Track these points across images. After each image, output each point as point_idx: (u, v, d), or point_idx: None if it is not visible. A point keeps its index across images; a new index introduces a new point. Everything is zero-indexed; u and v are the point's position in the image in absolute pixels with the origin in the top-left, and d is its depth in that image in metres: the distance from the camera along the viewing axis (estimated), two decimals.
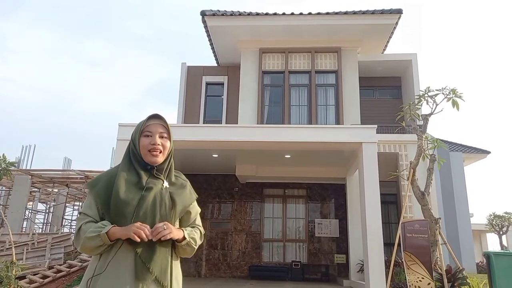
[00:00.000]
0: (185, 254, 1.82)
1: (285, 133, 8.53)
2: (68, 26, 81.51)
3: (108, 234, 1.62)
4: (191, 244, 1.79)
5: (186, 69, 13.16)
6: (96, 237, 1.62)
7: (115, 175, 1.76)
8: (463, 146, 15.73)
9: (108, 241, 1.62)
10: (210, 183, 12.16)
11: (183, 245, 1.76)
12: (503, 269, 5.50)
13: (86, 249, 1.66)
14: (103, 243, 1.62)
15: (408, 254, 6.30)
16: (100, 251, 1.66)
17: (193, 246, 1.80)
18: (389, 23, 11.29)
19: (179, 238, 1.73)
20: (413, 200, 8.37)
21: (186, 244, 1.76)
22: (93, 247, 1.64)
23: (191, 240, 1.78)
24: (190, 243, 1.78)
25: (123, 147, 8.24)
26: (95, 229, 1.64)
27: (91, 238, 1.63)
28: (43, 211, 15.95)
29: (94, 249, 1.65)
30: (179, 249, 1.77)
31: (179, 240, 1.74)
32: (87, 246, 1.65)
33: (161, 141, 1.82)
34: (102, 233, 1.62)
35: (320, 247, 11.67)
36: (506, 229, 18.73)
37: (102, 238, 1.62)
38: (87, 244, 1.64)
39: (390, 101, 12.58)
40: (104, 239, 1.62)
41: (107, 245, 1.64)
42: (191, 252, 1.82)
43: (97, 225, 1.66)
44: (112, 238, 1.62)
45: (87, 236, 1.64)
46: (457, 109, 6.83)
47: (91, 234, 1.63)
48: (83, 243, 1.65)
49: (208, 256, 11.68)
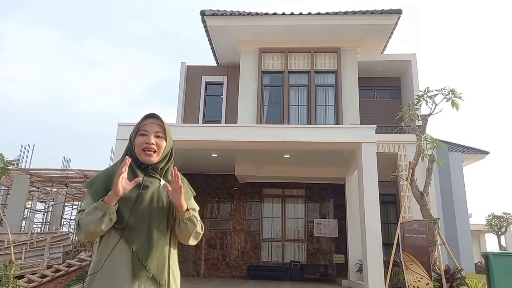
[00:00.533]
0: (186, 232, 1.76)
1: (284, 133, 8.54)
2: (68, 26, 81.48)
3: (104, 201, 1.61)
4: (193, 219, 1.75)
5: (186, 69, 13.16)
6: (95, 210, 1.62)
7: (113, 173, 1.76)
8: (462, 147, 15.74)
9: (107, 207, 1.61)
10: (209, 182, 12.15)
11: (186, 218, 1.73)
12: (502, 269, 5.51)
13: (88, 230, 1.63)
14: (103, 212, 1.61)
15: (407, 254, 6.31)
16: (104, 225, 1.62)
17: (195, 223, 1.76)
18: (389, 23, 11.30)
19: (183, 208, 1.71)
20: (412, 200, 8.38)
21: (188, 218, 1.73)
22: (95, 222, 1.61)
23: (193, 217, 1.76)
24: (192, 218, 1.75)
25: (122, 147, 8.22)
26: (92, 205, 1.65)
27: (89, 212, 1.62)
28: (42, 211, 15.93)
29: (96, 225, 1.61)
30: (181, 224, 1.74)
31: (183, 210, 1.72)
32: (88, 227, 1.62)
33: (156, 140, 1.80)
34: (99, 201, 1.62)
35: (319, 247, 11.67)
36: (504, 230, 18.79)
37: (100, 207, 1.61)
38: (89, 223, 1.62)
39: (389, 101, 12.59)
40: (102, 206, 1.61)
41: (109, 215, 1.62)
42: (192, 230, 1.76)
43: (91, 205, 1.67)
44: (109, 203, 1.61)
45: (84, 213, 1.64)
46: (457, 110, 6.84)
47: (89, 210, 1.63)
48: (85, 225, 1.63)
49: (207, 256, 11.67)
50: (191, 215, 1.75)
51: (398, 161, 9.78)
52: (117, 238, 1.66)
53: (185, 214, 1.73)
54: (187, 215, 1.73)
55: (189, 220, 1.74)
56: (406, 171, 7.45)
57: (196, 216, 1.79)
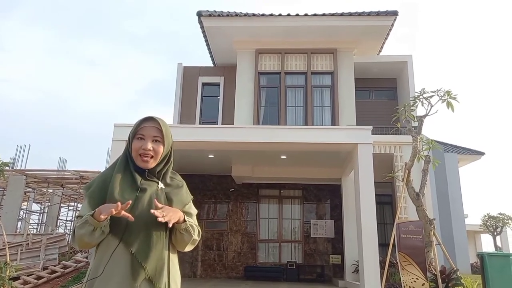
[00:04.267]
0: (182, 242, 1.77)
1: (281, 134, 8.55)
2: (65, 25, 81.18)
3: (94, 216, 1.60)
4: (189, 230, 1.75)
5: (182, 70, 13.14)
6: (85, 224, 1.62)
7: (110, 176, 1.76)
8: (457, 147, 15.82)
9: (97, 222, 1.59)
10: (206, 183, 12.15)
11: (182, 229, 1.73)
12: (497, 269, 5.55)
13: (82, 241, 1.65)
14: (94, 227, 1.60)
15: (403, 254, 6.33)
16: (96, 238, 1.63)
17: (191, 233, 1.76)
18: (385, 25, 11.34)
19: (179, 220, 1.70)
20: (408, 201, 8.40)
21: (184, 229, 1.73)
22: (87, 235, 1.62)
23: (189, 227, 1.75)
24: (188, 228, 1.74)
25: (118, 148, 8.22)
26: (83, 218, 1.65)
27: (81, 226, 1.63)
28: (37, 212, 15.87)
29: (89, 237, 1.62)
30: (177, 234, 1.74)
31: (179, 222, 1.71)
32: (82, 238, 1.64)
33: (153, 145, 1.78)
34: (89, 216, 1.61)
35: (315, 247, 11.69)
36: (500, 230, 18.88)
37: (90, 221, 1.60)
38: (81, 235, 1.63)
39: (385, 102, 12.63)
40: (92, 221, 1.60)
41: (100, 229, 1.62)
42: (188, 241, 1.77)
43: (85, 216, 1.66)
44: (99, 218, 1.59)
45: (77, 226, 1.65)
46: (452, 111, 6.88)
47: (80, 223, 1.64)
48: (78, 237, 1.65)
49: (203, 257, 11.66)
50: (187, 225, 1.74)
51: (394, 162, 9.82)
52: (116, 242, 1.66)
53: (181, 225, 1.73)
54: (184, 226, 1.73)
55: (185, 231, 1.74)
56: (402, 172, 7.48)
57: (192, 225, 1.78)
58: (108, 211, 1.56)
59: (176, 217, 1.68)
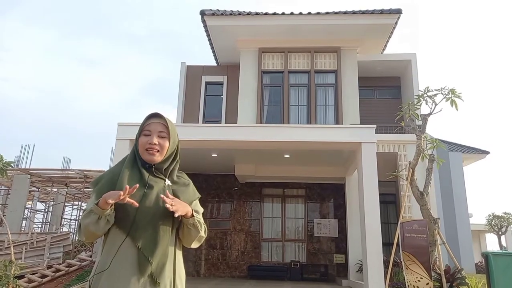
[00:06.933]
0: (189, 238, 1.79)
1: (284, 133, 8.53)
2: (65, 25, 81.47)
3: (99, 205, 1.62)
4: (197, 225, 1.77)
5: (186, 69, 13.16)
6: (90, 213, 1.64)
7: (118, 172, 1.79)
8: (462, 146, 15.73)
9: (101, 210, 1.61)
10: (210, 182, 12.15)
11: (190, 224, 1.75)
12: (502, 269, 5.51)
13: (88, 231, 1.67)
14: (98, 216, 1.62)
15: (407, 254, 6.30)
16: (102, 227, 1.65)
17: (198, 229, 1.78)
18: (389, 23, 11.30)
19: (187, 214, 1.72)
20: (412, 200, 8.38)
21: (192, 224, 1.75)
22: (92, 224, 1.64)
23: (197, 223, 1.77)
24: (196, 224, 1.77)
25: (122, 146, 8.25)
26: (88, 208, 1.68)
27: (86, 216, 1.65)
28: (42, 211, 15.94)
29: (94, 226, 1.64)
30: (185, 229, 1.76)
31: (187, 216, 1.73)
32: (87, 228, 1.66)
33: (159, 140, 1.82)
34: (93, 205, 1.63)
35: (319, 247, 11.67)
36: (505, 229, 18.78)
37: (94, 210, 1.62)
38: (86, 224, 1.65)
39: (389, 101, 12.58)
40: (96, 210, 1.62)
41: (105, 218, 1.64)
42: (195, 236, 1.79)
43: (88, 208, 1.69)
44: (103, 206, 1.61)
45: (84, 216, 1.67)
46: (456, 109, 6.84)
47: (86, 213, 1.66)
48: (83, 227, 1.67)
49: (207, 256, 11.68)
50: (195, 220, 1.77)
51: (398, 161, 9.77)
52: (123, 236, 1.68)
53: (189, 220, 1.75)
54: (192, 221, 1.75)
55: (193, 226, 1.76)
56: (406, 171, 7.45)
57: (200, 221, 1.80)
58: (115, 196, 1.58)
59: (184, 210, 1.70)
